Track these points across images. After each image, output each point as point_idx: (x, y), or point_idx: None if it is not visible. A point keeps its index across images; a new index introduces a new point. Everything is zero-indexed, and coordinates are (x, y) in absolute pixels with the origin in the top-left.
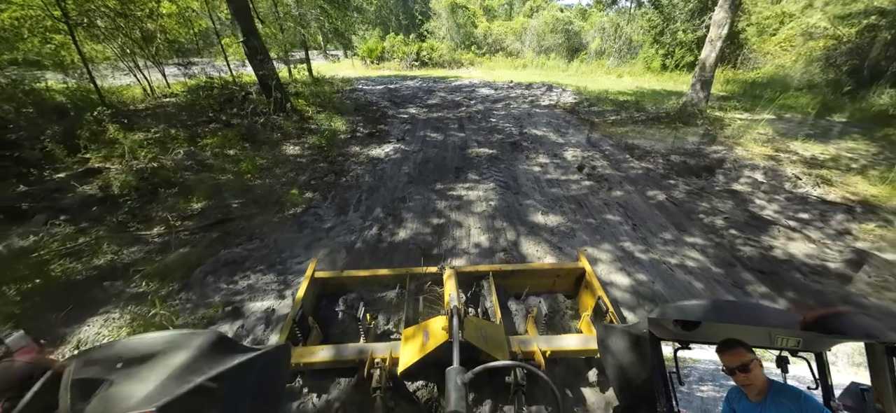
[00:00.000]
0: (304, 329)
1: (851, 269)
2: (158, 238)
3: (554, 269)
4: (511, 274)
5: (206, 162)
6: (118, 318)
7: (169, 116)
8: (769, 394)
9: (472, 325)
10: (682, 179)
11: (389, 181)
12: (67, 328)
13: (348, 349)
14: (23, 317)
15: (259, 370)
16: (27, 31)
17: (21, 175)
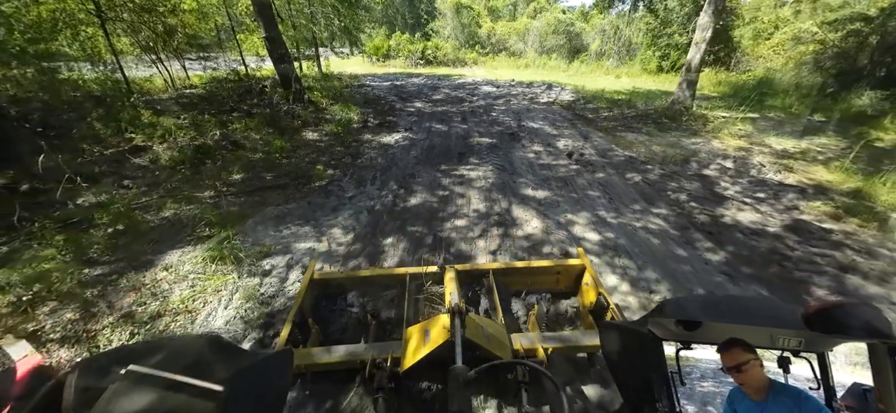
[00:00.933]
0: (305, 331)
1: (786, 232)
2: (209, 199)
3: (554, 266)
4: (511, 272)
5: (238, 142)
6: (193, 250)
7: (193, 105)
8: (770, 393)
9: (473, 323)
10: (656, 164)
11: (400, 162)
12: (154, 257)
13: (349, 350)
14: (116, 249)
15: (261, 376)
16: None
17: (77, 150)
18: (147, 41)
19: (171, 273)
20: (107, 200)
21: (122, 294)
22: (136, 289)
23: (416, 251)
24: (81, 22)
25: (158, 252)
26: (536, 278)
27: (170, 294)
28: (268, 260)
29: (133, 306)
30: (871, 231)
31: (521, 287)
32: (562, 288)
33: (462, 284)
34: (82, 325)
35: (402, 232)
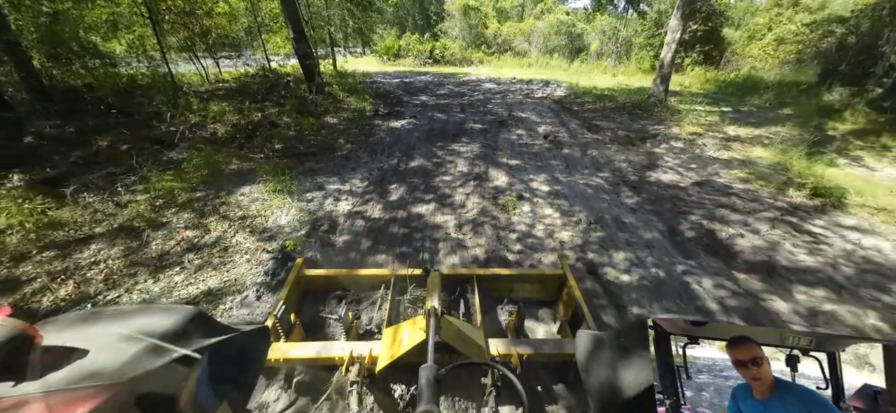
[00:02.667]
0: (286, 326)
1: (694, 187)
2: (261, 159)
3: (536, 274)
4: (494, 278)
5: (275, 123)
6: (258, 186)
7: (229, 96)
8: (776, 392)
9: (450, 326)
10: (619, 145)
11: (404, 140)
12: (234, 188)
13: (329, 347)
14: (208, 184)
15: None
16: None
17: (151, 126)
18: (186, 40)
19: (247, 198)
20: (190, 156)
21: (218, 205)
22: (226, 203)
23: (412, 193)
24: (135, 23)
25: (235, 187)
26: (518, 285)
27: (249, 208)
28: (308, 194)
29: (226, 212)
30: (769, 189)
31: (503, 293)
32: (542, 296)
33: (445, 288)
34: (197, 219)
35: (403, 181)
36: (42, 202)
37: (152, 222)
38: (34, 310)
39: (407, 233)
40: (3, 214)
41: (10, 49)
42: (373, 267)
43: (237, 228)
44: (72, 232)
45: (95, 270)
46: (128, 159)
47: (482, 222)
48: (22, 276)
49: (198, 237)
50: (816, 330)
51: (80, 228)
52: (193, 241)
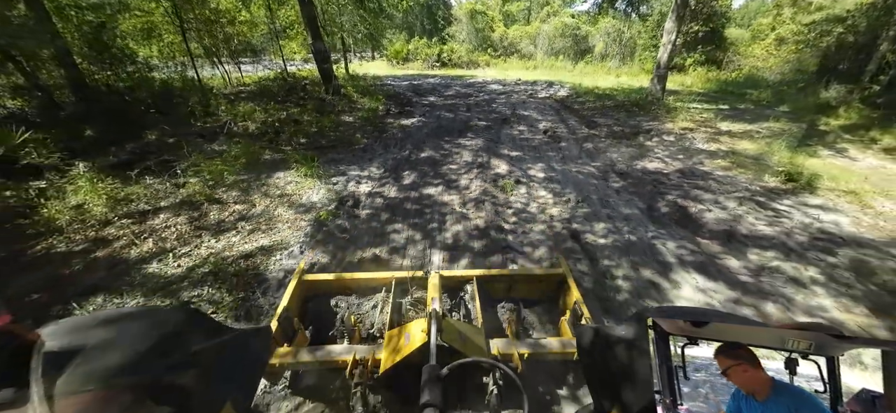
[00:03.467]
0: (290, 330)
1: (676, 174)
2: (290, 150)
3: (535, 274)
4: (494, 279)
5: (298, 121)
6: (293, 173)
7: (252, 98)
8: (772, 393)
9: (451, 327)
10: (613, 139)
11: (415, 135)
12: (270, 173)
13: (332, 350)
14: (247, 170)
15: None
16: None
17: (188, 123)
18: (211, 46)
19: (282, 181)
20: (229, 148)
21: (259, 186)
22: (266, 184)
23: (423, 178)
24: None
25: (272, 172)
26: (518, 285)
27: (285, 188)
28: (334, 178)
29: (266, 191)
30: (747, 175)
31: (504, 293)
32: (542, 296)
33: (446, 290)
34: (244, 197)
35: (414, 169)
36: (111, 183)
37: (208, 198)
38: (124, 258)
39: (419, 208)
40: (82, 192)
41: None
42: (374, 269)
43: (278, 203)
44: (142, 205)
45: (168, 232)
46: (178, 150)
47: (483, 200)
48: (109, 236)
49: (246, 210)
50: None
51: (149, 202)
52: (243, 212)
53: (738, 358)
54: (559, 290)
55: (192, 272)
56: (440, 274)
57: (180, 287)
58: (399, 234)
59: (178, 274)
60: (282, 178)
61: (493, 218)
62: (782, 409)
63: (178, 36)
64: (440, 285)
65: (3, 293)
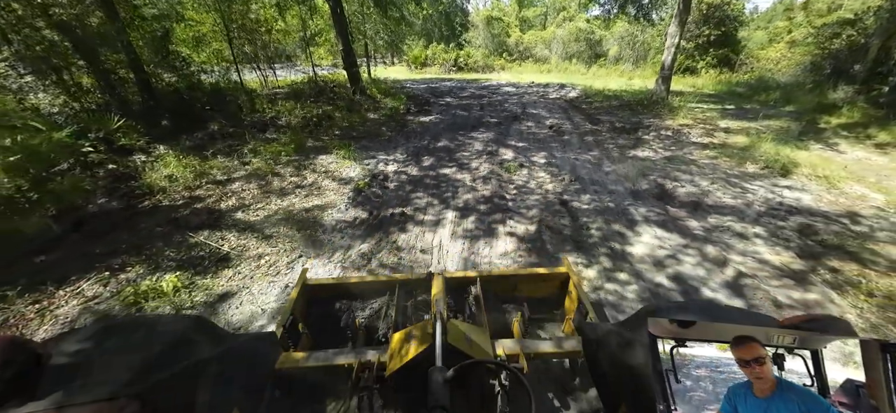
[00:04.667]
0: (295, 335)
1: (663, 160)
2: (327, 139)
3: (539, 274)
4: (498, 279)
5: (331, 116)
6: (333, 156)
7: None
8: (777, 390)
9: (456, 329)
10: (613, 133)
11: (432, 130)
12: (315, 156)
13: (338, 355)
14: (297, 153)
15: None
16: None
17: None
18: (251, 52)
19: (325, 161)
20: (279, 136)
21: (308, 164)
22: (313, 164)
23: (439, 161)
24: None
25: (316, 155)
26: (521, 286)
27: (328, 166)
28: (366, 160)
29: (314, 168)
30: (729, 162)
31: (507, 294)
32: (546, 295)
33: (449, 291)
34: (297, 172)
35: (432, 155)
36: (192, 160)
37: (271, 172)
38: (216, 209)
39: (436, 183)
40: (171, 165)
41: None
42: (377, 274)
43: (324, 177)
44: (219, 176)
45: (244, 194)
46: (237, 137)
47: (490, 178)
48: (200, 196)
49: (300, 181)
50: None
51: (224, 174)
52: (298, 182)
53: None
54: (563, 290)
55: (268, 219)
56: (444, 275)
57: (263, 226)
58: (420, 200)
59: (258, 219)
60: (324, 159)
61: (498, 190)
62: (789, 405)
63: (223, 43)
64: (444, 286)
65: (137, 228)
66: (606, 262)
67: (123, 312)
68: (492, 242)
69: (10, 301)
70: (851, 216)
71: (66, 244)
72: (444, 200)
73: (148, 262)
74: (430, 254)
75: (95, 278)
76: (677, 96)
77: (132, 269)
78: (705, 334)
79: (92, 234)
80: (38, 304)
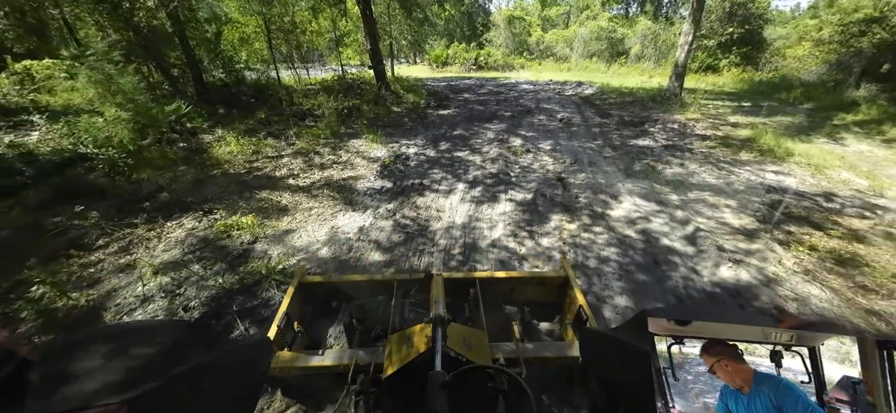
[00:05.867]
0: (290, 335)
1: (661, 148)
2: (357, 127)
3: (538, 277)
4: (496, 281)
5: (359, 108)
6: (362, 140)
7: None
8: (754, 385)
9: (455, 331)
10: (620, 126)
11: (450, 121)
12: (348, 139)
13: (334, 355)
14: (333, 137)
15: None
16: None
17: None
18: (287, 52)
19: (356, 144)
20: (316, 124)
21: (342, 146)
22: (346, 146)
23: (455, 146)
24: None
25: (348, 139)
26: (520, 288)
27: (359, 148)
28: (390, 144)
29: (347, 149)
30: (726, 151)
31: (506, 296)
32: (545, 299)
33: (448, 292)
34: (333, 152)
35: (448, 141)
36: (247, 141)
37: (312, 150)
38: (272, 176)
39: (450, 162)
40: (232, 144)
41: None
42: (375, 273)
43: (355, 156)
44: (271, 153)
45: (292, 166)
46: (281, 124)
47: (498, 159)
48: (257, 167)
49: (336, 158)
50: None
51: (274, 151)
52: (335, 160)
53: (718, 354)
54: (562, 293)
55: (313, 184)
56: (442, 276)
57: (309, 189)
58: (436, 175)
59: (306, 184)
60: (355, 142)
61: (503, 168)
62: (764, 399)
63: (263, 44)
64: (443, 287)
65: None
66: (587, 220)
67: (218, 238)
68: (493, 205)
69: (137, 227)
70: (827, 196)
71: (163, 195)
72: (457, 175)
73: (227, 208)
74: (443, 212)
75: (191, 216)
76: (691, 93)
77: (217, 213)
78: (703, 333)
79: (177, 193)
80: (153, 231)
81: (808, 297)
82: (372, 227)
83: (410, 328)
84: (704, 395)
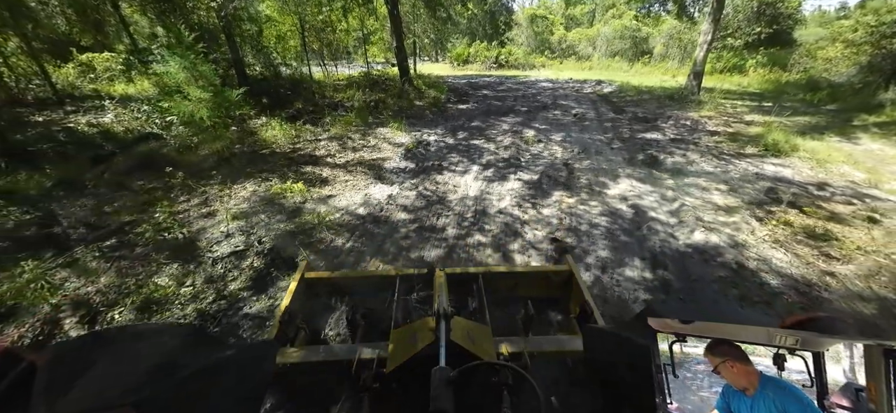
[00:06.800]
0: (293, 330)
1: (668, 141)
2: (384, 117)
3: (542, 271)
4: (500, 276)
5: (385, 101)
6: (388, 128)
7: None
8: (759, 387)
9: (459, 326)
10: (633, 121)
11: (468, 114)
12: (375, 127)
13: (337, 350)
14: (362, 125)
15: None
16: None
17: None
18: (319, 50)
19: (383, 131)
20: (347, 113)
21: (370, 133)
22: (374, 132)
23: (471, 135)
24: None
25: (376, 127)
26: (524, 283)
27: (385, 135)
28: (413, 132)
29: (375, 135)
30: (731, 146)
31: (510, 291)
32: (549, 293)
33: (451, 287)
34: (364, 139)
35: (466, 131)
36: (289, 126)
37: (345, 135)
38: (313, 155)
39: (466, 149)
40: (276, 129)
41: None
42: (378, 268)
43: (383, 141)
44: (310, 137)
45: (329, 148)
46: (317, 113)
47: (511, 146)
48: (299, 148)
49: (366, 142)
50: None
51: (313, 136)
52: (365, 143)
53: (724, 354)
54: (566, 288)
55: (348, 162)
56: (445, 271)
57: (345, 166)
58: (454, 158)
59: (342, 162)
60: (382, 130)
61: (515, 154)
62: (768, 402)
63: (298, 41)
64: (446, 283)
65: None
66: (585, 195)
67: (275, 198)
68: (503, 183)
69: (211, 188)
70: (820, 185)
71: (226, 167)
72: (472, 159)
73: (279, 178)
74: (458, 186)
75: (252, 182)
76: (710, 92)
77: (271, 181)
78: (707, 333)
79: (237, 165)
80: (224, 191)
81: (771, 258)
82: (398, 195)
83: (414, 322)
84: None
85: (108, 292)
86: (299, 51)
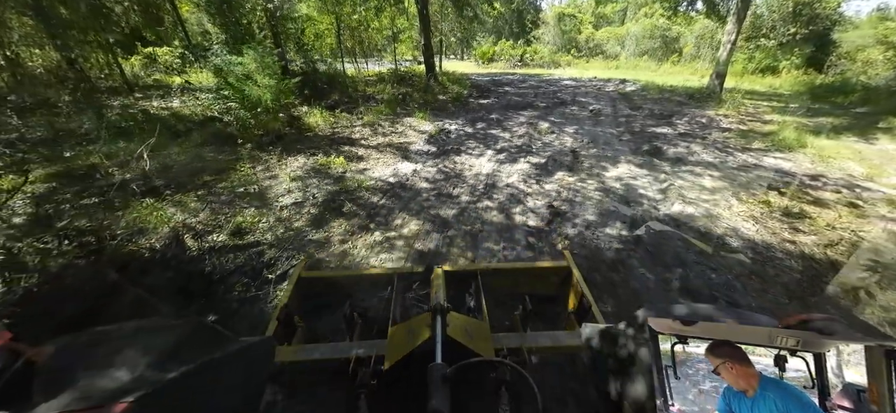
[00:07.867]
0: (290, 328)
1: (677, 135)
2: (410, 109)
3: (540, 268)
4: (498, 273)
5: (411, 95)
6: (414, 118)
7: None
8: (760, 388)
9: (456, 322)
10: (648, 117)
11: (488, 108)
12: (403, 117)
13: (334, 348)
14: (391, 115)
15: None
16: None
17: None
18: (352, 47)
19: (409, 120)
20: (378, 105)
21: (399, 121)
22: (401, 121)
23: (489, 127)
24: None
25: (403, 117)
26: (523, 279)
27: (411, 123)
28: (436, 122)
29: (402, 123)
30: (739, 141)
31: (508, 288)
32: (548, 290)
33: (450, 285)
34: (392, 126)
35: (484, 122)
36: (332, 115)
37: (376, 123)
38: (350, 137)
39: (484, 137)
40: (317, 116)
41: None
42: (376, 266)
43: (409, 129)
44: (345, 123)
45: (364, 133)
46: (353, 104)
47: (524, 136)
48: (337, 132)
49: (395, 129)
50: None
51: (348, 123)
52: (393, 130)
53: (724, 356)
54: (565, 285)
55: (379, 145)
56: (443, 269)
57: (377, 147)
58: (471, 144)
59: (374, 145)
60: (408, 119)
61: (527, 143)
62: (770, 403)
63: (334, 39)
64: (444, 280)
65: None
66: (585, 175)
67: (322, 169)
68: (513, 166)
69: (271, 159)
70: (815, 177)
71: (280, 144)
72: (488, 146)
73: (324, 154)
74: (473, 166)
75: (302, 156)
76: (732, 93)
77: (317, 155)
78: (708, 334)
79: (288, 143)
80: (281, 162)
81: (740, 228)
82: (422, 170)
83: (411, 319)
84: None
85: (207, 223)
86: (334, 48)
